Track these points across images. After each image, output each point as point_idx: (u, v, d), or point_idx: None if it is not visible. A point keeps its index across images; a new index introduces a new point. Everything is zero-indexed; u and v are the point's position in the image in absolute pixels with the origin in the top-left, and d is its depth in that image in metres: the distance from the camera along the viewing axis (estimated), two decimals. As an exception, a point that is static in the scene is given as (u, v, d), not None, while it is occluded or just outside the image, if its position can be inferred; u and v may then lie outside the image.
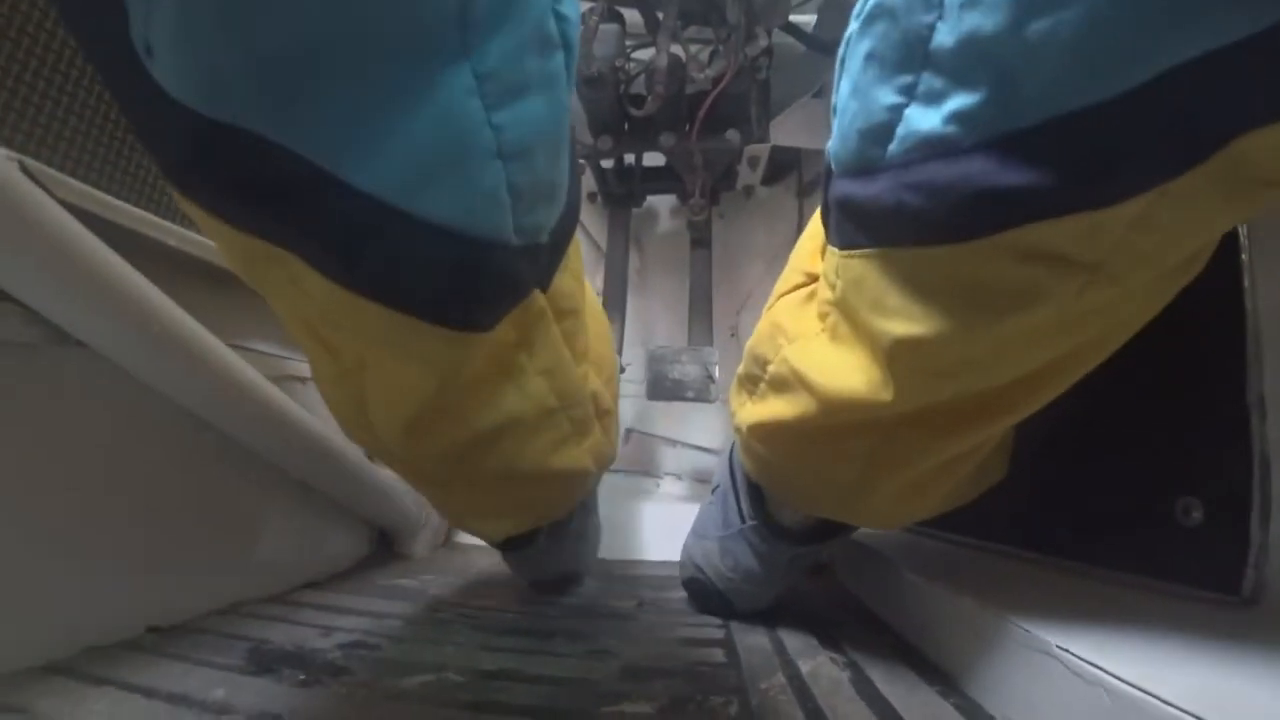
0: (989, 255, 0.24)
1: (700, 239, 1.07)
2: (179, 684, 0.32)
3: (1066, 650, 0.28)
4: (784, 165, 1.12)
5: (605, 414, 0.50)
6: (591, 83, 0.82)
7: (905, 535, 0.57)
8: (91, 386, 0.37)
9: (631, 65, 0.87)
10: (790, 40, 0.95)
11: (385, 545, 0.70)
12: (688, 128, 0.88)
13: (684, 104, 0.87)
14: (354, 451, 0.56)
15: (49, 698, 0.30)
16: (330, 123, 0.24)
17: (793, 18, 0.91)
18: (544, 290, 0.37)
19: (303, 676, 0.34)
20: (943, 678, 0.37)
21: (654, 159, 1.05)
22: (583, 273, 0.42)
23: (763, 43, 0.80)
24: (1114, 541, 0.38)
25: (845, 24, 0.28)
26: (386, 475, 0.61)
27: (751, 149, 0.94)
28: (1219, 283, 0.28)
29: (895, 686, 0.36)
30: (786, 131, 1.00)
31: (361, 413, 0.38)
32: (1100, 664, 0.26)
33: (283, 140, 0.23)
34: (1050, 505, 0.43)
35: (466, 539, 0.80)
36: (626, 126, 0.93)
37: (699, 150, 0.90)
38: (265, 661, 0.36)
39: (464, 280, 0.30)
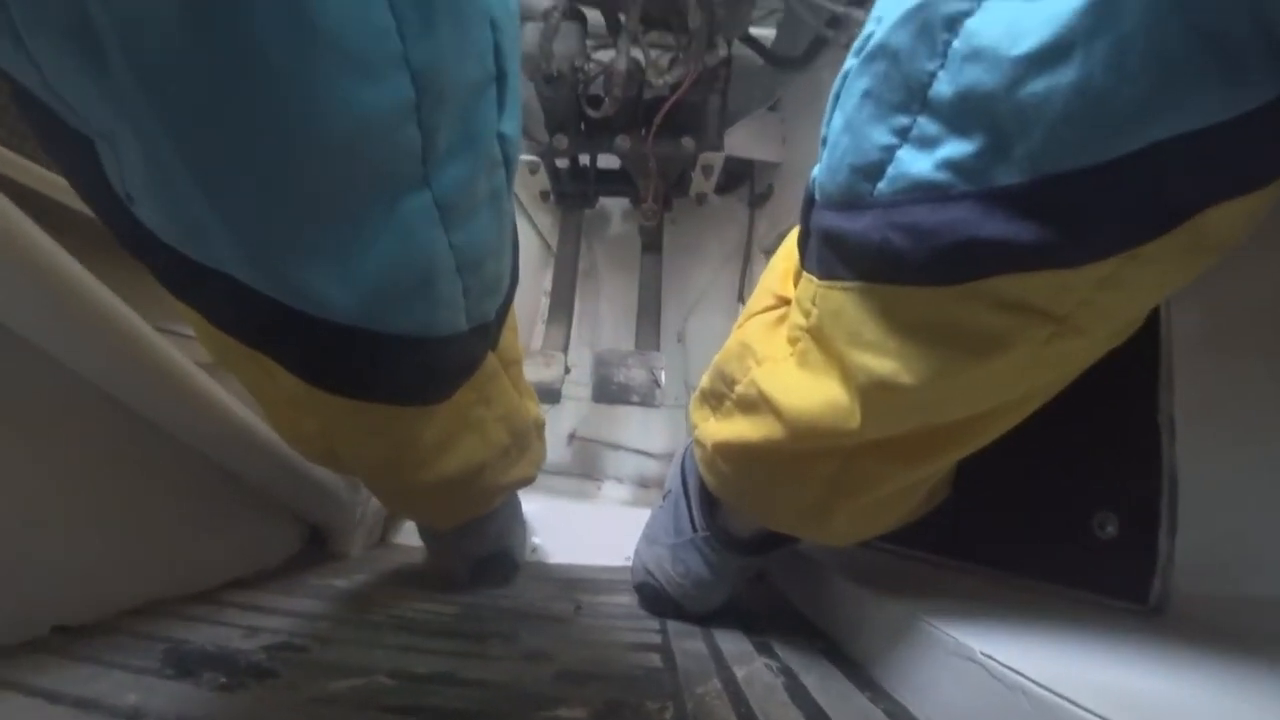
0: (966, 300, 0.25)
1: (651, 243, 1.08)
2: (87, 688, 0.30)
3: (990, 656, 0.29)
4: (737, 175, 1.14)
5: (540, 427, 0.57)
6: (550, 81, 0.82)
7: (840, 543, 0.58)
8: (-1, 367, 0.35)
9: (591, 66, 0.86)
10: (748, 53, 0.96)
11: (318, 543, 0.67)
12: (644, 132, 0.89)
13: (641, 108, 0.87)
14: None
15: (-61, 703, 0.28)
16: (305, 271, 0.26)
17: (752, 31, 0.93)
18: (494, 350, 0.42)
19: (224, 680, 0.32)
20: (872, 683, 0.38)
21: (609, 161, 1.05)
22: (515, 320, 0.47)
23: (722, 52, 0.81)
24: (1036, 552, 0.40)
25: (803, 41, 0.29)
26: (321, 470, 0.59)
27: (706, 157, 0.96)
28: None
29: (828, 693, 0.36)
30: (740, 142, 1.02)
31: (329, 460, 0.41)
32: (1020, 669, 0.27)
33: (262, 289, 0.26)
34: (977, 517, 0.44)
35: (402, 539, 0.78)
36: (583, 126, 0.93)
37: (654, 155, 0.91)
38: (184, 664, 0.34)
39: (426, 372, 0.34)
